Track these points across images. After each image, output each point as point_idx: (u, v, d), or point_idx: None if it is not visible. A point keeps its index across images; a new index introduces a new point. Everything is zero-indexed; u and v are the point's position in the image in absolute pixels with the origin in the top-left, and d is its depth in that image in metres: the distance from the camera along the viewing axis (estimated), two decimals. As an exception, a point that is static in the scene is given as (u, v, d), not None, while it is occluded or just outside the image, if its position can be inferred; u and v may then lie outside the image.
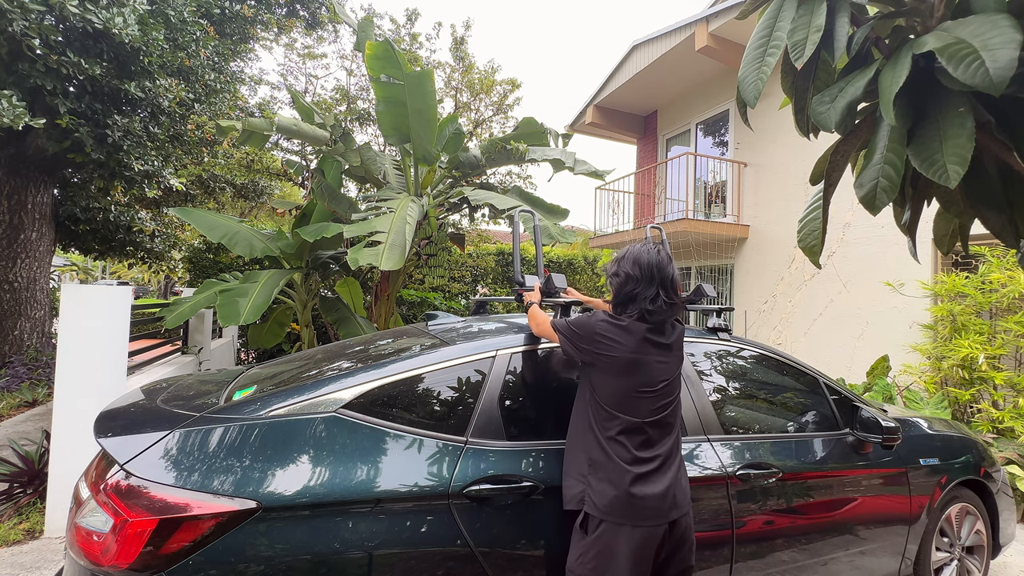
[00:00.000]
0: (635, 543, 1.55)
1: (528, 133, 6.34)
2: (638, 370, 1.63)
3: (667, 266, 1.72)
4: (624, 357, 1.62)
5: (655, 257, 1.72)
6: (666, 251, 1.78)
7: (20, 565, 2.76)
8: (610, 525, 1.55)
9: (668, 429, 1.67)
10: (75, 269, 25.23)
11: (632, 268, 1.71)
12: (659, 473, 1.61)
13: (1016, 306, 4.66)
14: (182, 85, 5.47)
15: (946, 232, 1.47)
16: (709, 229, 7.33)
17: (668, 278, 1.70)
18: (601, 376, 1.65)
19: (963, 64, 0.91)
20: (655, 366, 1.65)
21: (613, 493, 1.56)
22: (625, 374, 1.62)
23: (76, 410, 3.05)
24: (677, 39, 7.40)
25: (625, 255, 1.77)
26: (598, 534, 1.56)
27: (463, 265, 10.62)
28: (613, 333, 1.65)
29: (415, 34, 12.78)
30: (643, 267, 1.70)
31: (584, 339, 1.68)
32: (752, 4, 1.41)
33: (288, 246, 5.82)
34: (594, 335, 1.66)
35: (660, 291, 1.68)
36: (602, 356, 1.64)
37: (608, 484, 1.57)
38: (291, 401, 1.62)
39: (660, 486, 1.59)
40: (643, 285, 1.68)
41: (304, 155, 11.63)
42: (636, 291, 1.69)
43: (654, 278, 1.69)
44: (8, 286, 5.73)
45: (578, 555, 1.59)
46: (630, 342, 1.63)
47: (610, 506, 1.56)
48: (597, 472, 1.60)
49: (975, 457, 2.78)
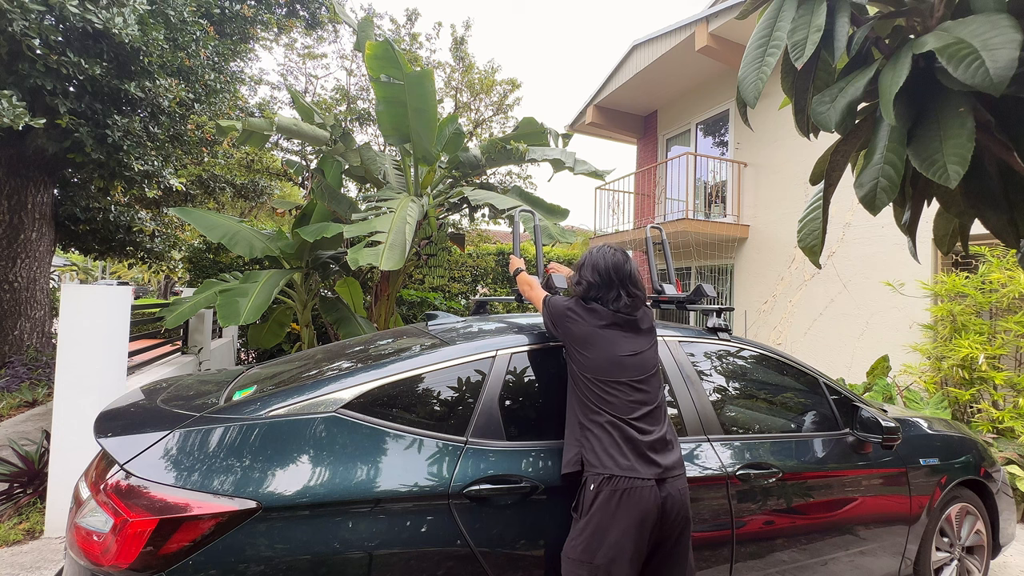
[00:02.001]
0: (628, 512, 1.56)
1: (528, 133, 6.34)
2: (603, 342, 1.74)
3: (624, 265, 1.84)
4: (587, 330, 1.76)
5: (611, 259, 1.84)
6: (622, 251, 1.90)
7: (20, 565, 2.76)
8: (604, 499, 1.57)
9: (647, 396, 1.72)
10: (75, 269, 25.23)
11: (592, 275, 1.84)
12: (645, 434, 1.66)
13: (1016, 306, 4.66)
14: (182, 85, 5.46)
15: (946, 232, 1.47)
16: (709, 229, 7.33)
17: (627, 276, 1.82)
18: (573, 350, 1.78)
19: (963, 64, 0.91)
20: (621, 340, 1.76)
21: (602, 451, 1.62)
22: (593, 346, 1.74)
23: (76, 410, 3.05)
24: (677, 39, 7.41)
25: (584, 262, 1.89)
26: (592, 511, 1.57)
27: (463, 265, 10.61)
28: (579, 311, 1.81)
29: (415, 34, 12.78)
30: (601, 272, 1.83)
31: (558, 317, 1.84)
32: (752, 4, 1.41)
33: (288, 246, 5.82)
34: (564, 312, 1.83)
35: (621, 291, 1.81)
36: (570, 331, 1.79)
37: (596, 446, 1.64)
38: (291, 401, 1.62)
39: (646, 438, 1.65)
40: (604, 289, 1.81)
41: (304, 155, 11.63)
42: (599, 295, 1.82)
43: (613, 281, 1.81)
44: (8, 286, 5.73)
45: (572, 536, 1.61)
46: (593, 319, 1.78)
47: (599, 461, 1.61)
48: (588, 434, 1.67)
49: (975, 457, 2.78)
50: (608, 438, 1.64)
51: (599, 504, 1.57)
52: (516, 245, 2.67)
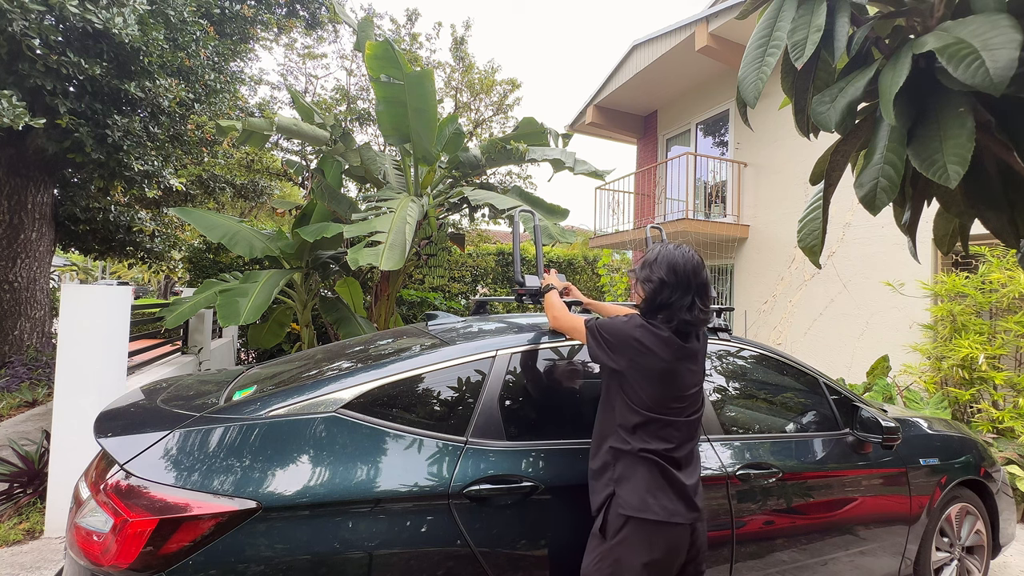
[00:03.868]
0: (659, 548, 1.52)
1: (528, 133, 6.34)
2: (672, 379, 1.58)
3: (701, 272, 1.63)
4: (659, 366, 1.56)
5: (692, 262, 1.63)
6: (699, 254, 1.69)
7: (20, 565, 2.76)
8: (636, 527, 1.51)
9: (693, 434, 1.66)
10: (75, 269, 25.22)
11: (668, 274, 1.61)
12: (686, 473, 1.61)
13: (1016, 306, 4.66)
14: (182, 85, 5.46)
15: (946, 232, 1.47)
16: (709, 229, 7.33)
17: (703, 285, 1.63)
18: (633, 383, 1.59)
19: (963, 64, 0.91)
20: (687, 375, 1.60)
21: (644, 490, 1.54)
22: (660, 383, 1.57)
23: (76, 410, 3.05)
24: (677, 39, 7.40)
25: (658, 259, 1.65)
26: (620, 538, 1.52)
27: (463, 265, 10.62)
28: (650, 342, 1.57)
29: (415, 34, 12.78)
30: (679, 274, 1.60)
31: (618, 347, 1.60)
32: (752, 4, 1.41)
33: (288, 246, 5.82)
34: (630, 342, 1.59)
35: (696, 299, 1.60)
36: (637, 363, 1.58)
37: (641, 483, 1.55)
38: (291, 401, 1.62)
39: (689, 481, 1.60)
40: (679, 293, 1.60)
41: (304, 155, 11.62)
42: (672, 299, 1.60)
43: (690, 286, 1.60)
44: (8, 286, 5.73)
45: (596, 559, 1.55)
46: (666, 352, 1.57)
47: (642, 503, 1.52)
48: (628, 473, 1.56)
49: (975, 457, 2.78)
50: (651, 477, 1.55)
51: (630, 539, 1.52)
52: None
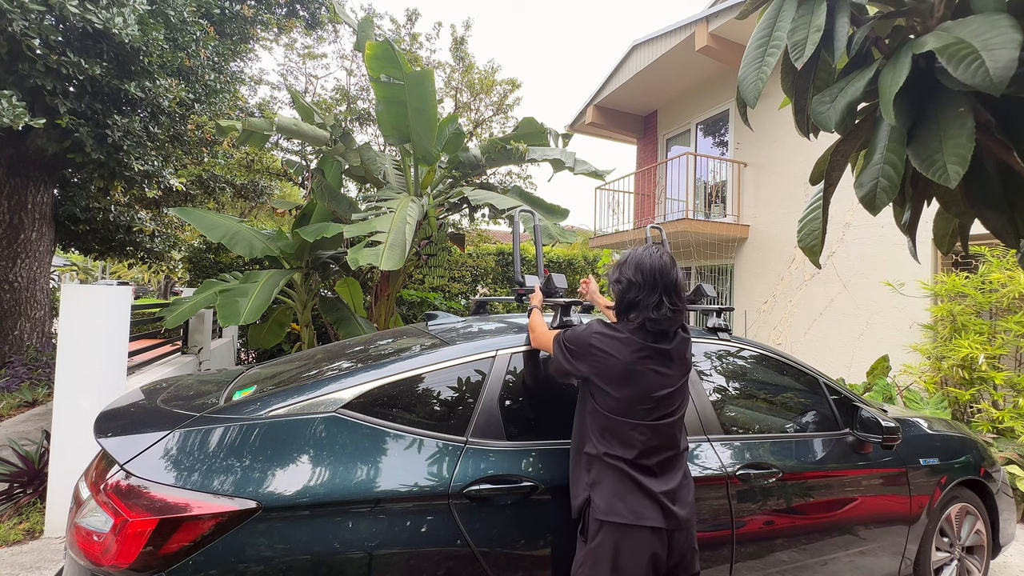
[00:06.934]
0: (627, 551, 1.52)
1: (528, 133, 6.35)
2: (635, 380, 1.58)
3: (671, 270, 1.64)
4: (618, 368, 1.58)
5: (658, 261, 1.64)
6: (669, 254, 1.70)
7: (20, 565, 2.76)
8: (608, 531, 1.53)
9: (670, 442, 1.63)
10: (75, 269, 25.22)
11: (634, 274, 1.64)
12: (660, 480, 1.59)
13: (1016, 306, 4.66)
14: (182, 85, 5.47)
15: (946, 232, 1.47)
16: (709, 229, 7.33)
17: (672, 283, 1.63)
18: (600, 386, 1.61)
19: (963, 64, 0.91)
20: (652, 376, 1.60)
21: (612, 494, 1.56)
22: (621, 384, 1.58)
23: (76, 410, 3.05)
24: (677, 39, 7.40)
25: (627, 259, 1.70)
26: (597, 541, 1.54)
27: (463, 265, 10.62)
28: (606, 344, 1.61)
29: (415, 34, 12.78)
30: (646, 272, 1.63)
31: (580, 354, 1.64)
32: (752, 4, 1.41)
33: (288, 246, 5.82)
34: (588, 347, 1.63)
35: (664, 298, 1.61)
36: (598, 368, 1.61)
37: (609, 487, 1.57)
38: (291, 401, 1.62)
39: (659, 488, 1.58)
40: (646, 292, 1.62)
41: (304, 155, 11.62)
42: (639, 298, 1.63)
43: (657, 284, 1.62)
44: (8, 286, 5.73)
45: (578, 562, 1.59)
46: (624, 353, 1.59)
47: (609, 507, 1.55)
48: (600, 478, 1.58)
49: (975, 457, 2.78)
50: (618, 481, 1.56)
51: (604, 543, 1.53)
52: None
